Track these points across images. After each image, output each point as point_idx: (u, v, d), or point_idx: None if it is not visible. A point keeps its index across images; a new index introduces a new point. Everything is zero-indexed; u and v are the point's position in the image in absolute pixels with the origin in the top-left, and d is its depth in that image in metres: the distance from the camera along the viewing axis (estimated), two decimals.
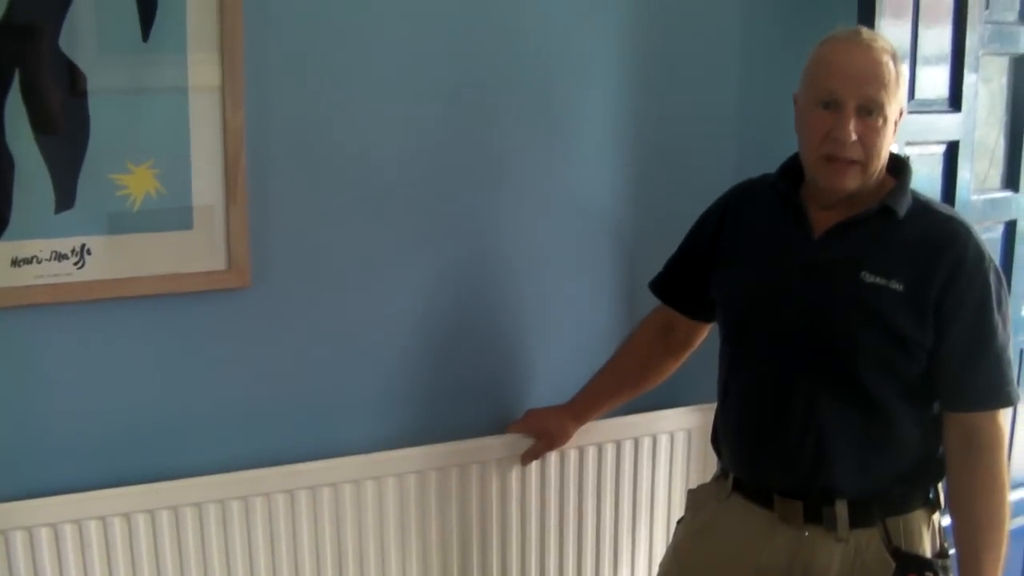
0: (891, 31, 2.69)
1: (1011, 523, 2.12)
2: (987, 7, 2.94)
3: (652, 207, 2.77)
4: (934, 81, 2.87)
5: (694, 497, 2.43)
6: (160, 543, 2.28)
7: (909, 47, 2.77)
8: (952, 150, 2.95)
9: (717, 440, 2.37)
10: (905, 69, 2.07)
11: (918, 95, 2.82)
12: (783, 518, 2.16)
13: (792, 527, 2.15)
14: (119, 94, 2.15)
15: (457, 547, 2.61)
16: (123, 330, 2.25)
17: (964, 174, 2.98)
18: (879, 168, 2.08)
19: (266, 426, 2.42)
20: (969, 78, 2.92)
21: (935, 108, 2.89)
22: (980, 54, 2.94)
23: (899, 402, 2.09)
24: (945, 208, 2.18)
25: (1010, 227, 3.22)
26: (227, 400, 2.38)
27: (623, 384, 2.59)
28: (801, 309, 2.11)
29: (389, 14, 2.39)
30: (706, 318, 2.47)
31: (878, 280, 2.04)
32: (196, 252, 2.27)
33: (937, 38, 2.85)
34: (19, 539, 2.15)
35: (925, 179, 2.89)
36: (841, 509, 2.11)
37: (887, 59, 2.02)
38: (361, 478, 2.46)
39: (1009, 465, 2.13)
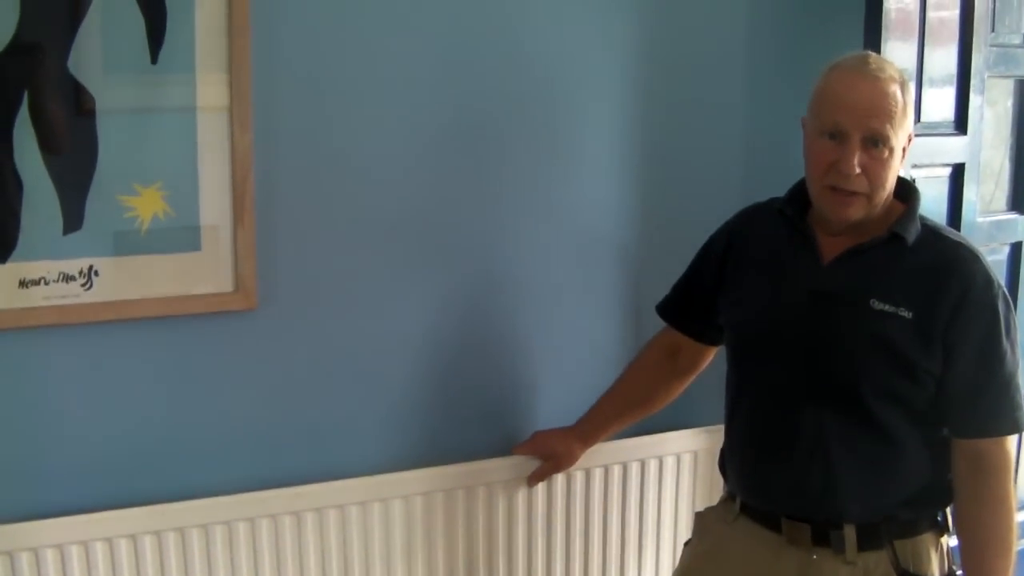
0: (897, 53, 2.69)
1: (1020, 545, 2.12)
2: (993, 29, 2.95)
3: (657, 227, 2.77)
4: (940, 103, 2.87)
5: (701, 520, 2.42)
6: (167, 565, 2.28)
7: (915, 69, 2.77)
8: (958, 172, 2.95)
9: (724, 463, 2.36)
10: (912, 95, 2.06)
11: (924, 117, 2.82)
12: (791, 541, 2.15)
13: (800, 550, 2.14)
14: (127, 115, 2.15)
15: (464, 570, 2.60)
16: (130, 352, 2.25)
17: (970, 196, 2.97)
18: (885, 197, 2.07)
19: (272, 447, 2.42)
20: (975, 100, 2.92)
21: (941, 131, 2.89)
22: (986, 76, 2.94)
23: (907, 427, 2.08)
24: (954, 234, 2.17)
25: (1016, 249, 3.22)
26: (233, 421, 2.37)
27: (630, 406, 2.58)
28: (809, 335, 2.10)
29: (395, 35, 2.39)
30: (712, 341, 2.46)
31: (887, 307, 2.04)
32: (203, 274, 2.27)
33: (943, 60, 2.85)
34: (25, 560, 2.14)
35: (931, 201, 2.88)
36: (849, 532, 2.10)
37: (894, 89, 2.01)
38: (367, 500, 2.46)
39: (1015, 488, 2.11)
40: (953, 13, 2.85)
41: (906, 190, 2.15)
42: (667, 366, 2.53)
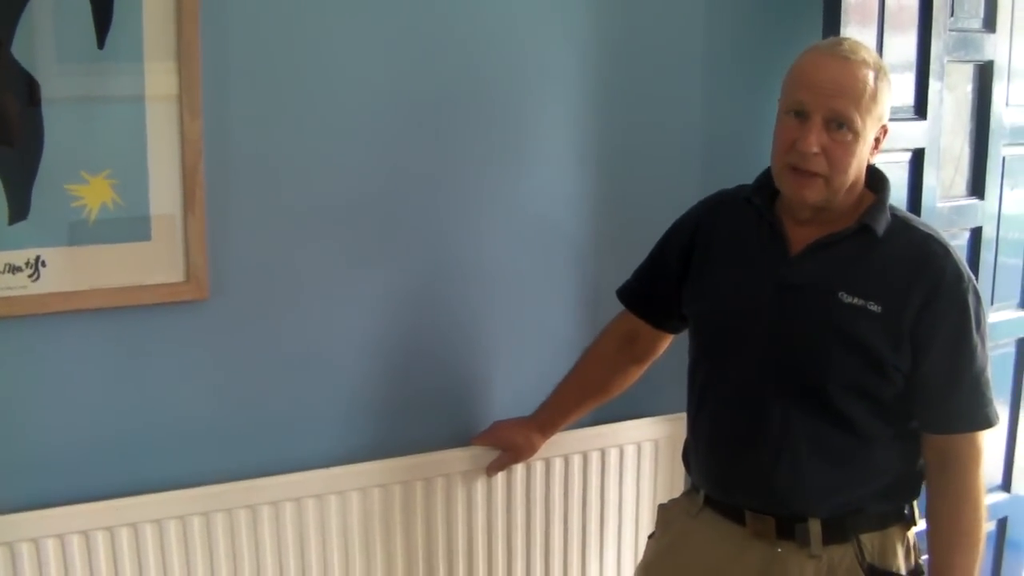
0: (856, 38, 2.67)
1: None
2: (952, 14, 2.94)
3: (614, 217, 2.75)
4: (900, 89, 2.86)
5: (664, 513, 2.40)
6: (120, 560, 2.25)
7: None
8: (918, 157, 2.95)
9: (687, 455, 2.34)
10: (888, 84, 2.04)
11: None
12: (755, 534, 2.14)
13: (764, 543, 2.13)
14: (74, 103, 2.11)
15: (423, 562, 2.59)
16: (80, 344, 2.22)
17: (930, 181, 2.97)
18: (847, 184, 2.04)
19: (227, 440, 2.39)
20: (934, 85, 2.92)
21: (900, 116, 2.88)
22: (945, 61, 2.94)
23: (875, 422, 2.07)
24: (924, 225, 2.15)
25: (975, 234, 3.21)
26: (187, 414, 2.34)
27: (588, 394, 2.56)
28: (776, 329, 2.09)
29: (350, 22, 2.36)
30: (674, 329, 2.45)
31: (855, 301, 2.02)
32: (154, 264, 2.23)
33: (902, 46, 2.85)
34: None
35: (891, 186, 2.88)
36: (815, 526, 2.09)
37: (865, 72, 1.99)
38: (325, 492, 2.43)
39: (985, 484, 2.11)
40: None
41: (877, 180, 2.13)
42: (625, 352, 2.51)
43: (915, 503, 2.17)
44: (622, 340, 2.50)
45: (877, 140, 2.06)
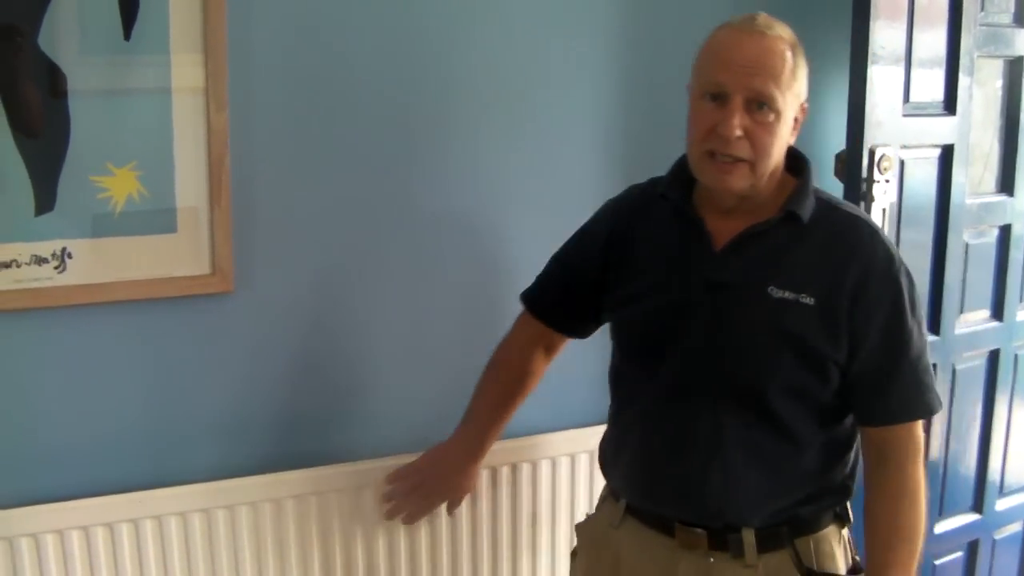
0: (886, 34, 2.67)
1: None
2: (982, 9, 2.92)
3: None
4: (929, 84, 2.85)
5: (584, 531, 2.29)
6: (144, 552, 2.25)
7: (904, 50, 2.75)
8: (947, 154, 2.93)
9: (605, 462, 2.22)
10: (803, 60, 1.93)
11: (913, 98, 2.80)
12: (684, 545, 2.04)
13: (696, 555, 2.03)
14: (101, 95, 2.11)
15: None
16: (105, 336, 2.22)
17: (959, 178, 2.96)
18: (771, 168, 1.93)
19: (249, 433, 2.39)
20: (964, 81, 2.90)
21: (930, 111, 2.86)
22: (975, 56, 2.92)
23: (810, 425, 1.98)
24: (849, 206, 2.06)
25: (1004, 231, 3.19)
26: (210, 406, 2.35)
27: (512, 400, 2.36)
28: (706, 330, 1.97)
29: (374, 16, 2.36)
30: (584, 334, 2.32)
31: (787, 294, 1.92)
32: (179, 256, 2.24)
33: (932, 41, 2.83)
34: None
35: (920, 183, 2.88)
36: (748, 536, 2.00)
37: (783, 48, 1.88)
38: (347, 487, 2.43)
39: (925, 476, 2.05)
40: None
41: (798, 163, 2.02)
42: (534, 355, 2.35)
43: (849, 502, 2.09)
44: (528, 344, 2.34)
45: (796, 120, 1.95)
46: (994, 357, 3.26)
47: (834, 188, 2.78)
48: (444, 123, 2.49)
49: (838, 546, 2.06)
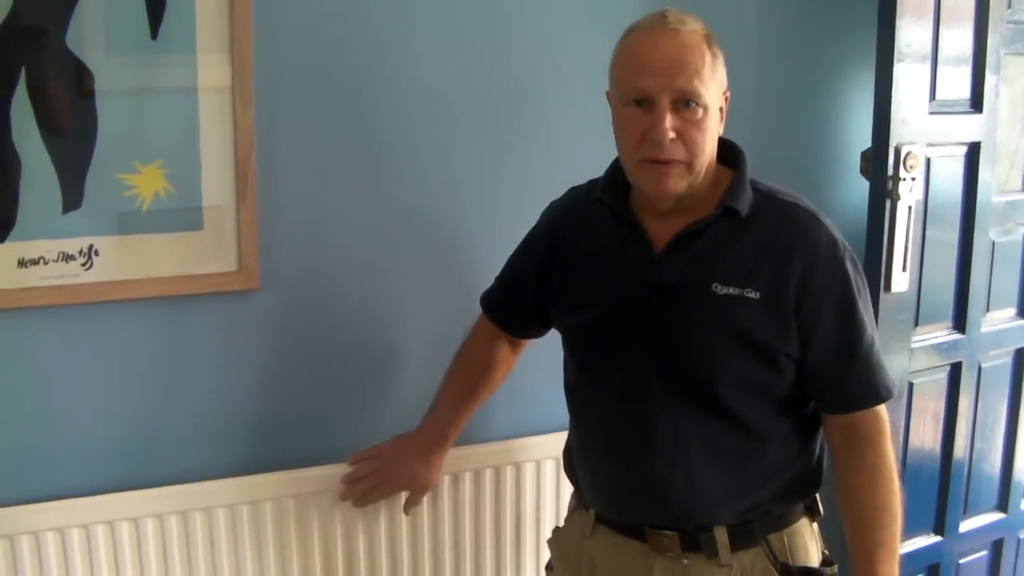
0: (912, 31, 2.66)
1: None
2: (1009, 7, 2.91)
3: None
4: (955, 82, 2.83)
5: (557, 543, 2.27)
6: (168, 548, 2.27)
7: (930, 48, 2.73)
8: (973, 152, 2.92)
9: (573, 470, 2.20)
10: (719, 48, 1.89)
11: (939, 96, 2.78)
12: (656, 549, 2.02)
13: (669, 558, 2.01)
14: (127, 94, 2.13)
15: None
16: (131, 332, 2.24)
17: (985, 176, 2.94)
18: (707, 164, 1.90)
19: (273, 430, 2.41)
20: (990, 79, 2.89)
21: (956, 109, 2.85)
22: (1002, 54, 2.90)
23: (770, 418, 1.96)
24: (788, 194, 2.00)
25: None
26: (235, 403, 2.36)
27: (475, 393, 2.37)
28: (653, 333, 1.95)
29: (400, 18, 2.37)
30: (536, 336, 2.33)
31: (732, 291, 1.89)
32: (205, 253, 2.25)
33: (958, 39, 2.81)
34: (25, 543, 2.13)
35: (946, 181, 2.86)
36: (720, 534, 1.98)
37: (698, 42, 1.85)
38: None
39: (895, 455, 2.02)
40: None
41: (730, 153, 1.99)
42: (499, 347, 2.35)
43: (818, 494, 2.08)
44: (489, 339, 2.35)
45: (721, 110, 1.91)
46: (1020, 355, 3.25)
47: (860, 186, 2.78)
48: (470, 122, 2.49)
49: (811, 539, 2.06)
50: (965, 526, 3.19)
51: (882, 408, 1.99)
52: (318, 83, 2.32)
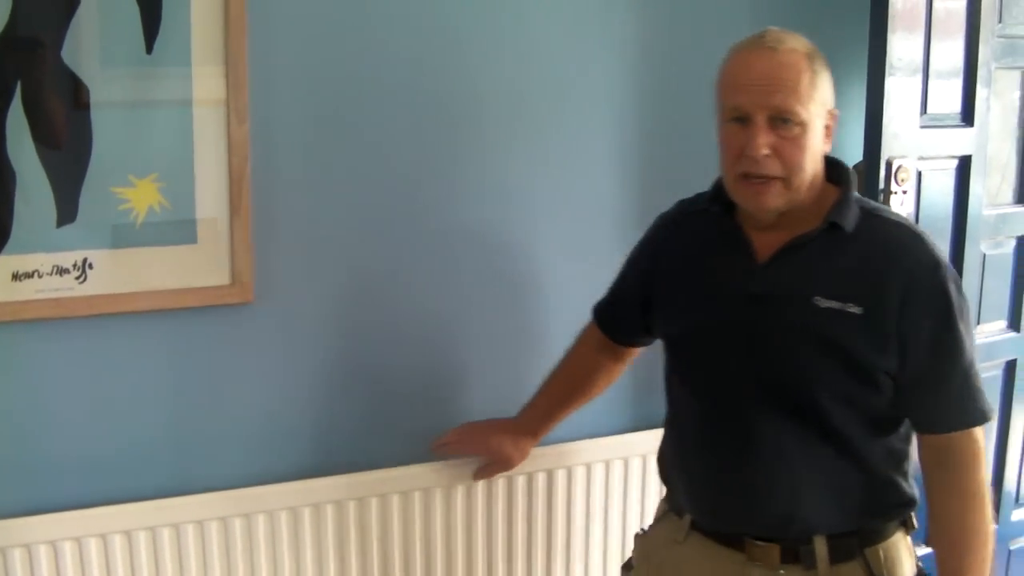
0: (903, 45, 2.67)
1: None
2: (1000, 21, 2.93)
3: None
4: (946, 96, 2.85)
5: (643, 542, 2.26)
6: (161, 561, 2.26)
7: (921, 61, 2.75)
8: (964, 165, 2.93)
9: (666, 477, 2.21)
10: (824, 67, 1.92)
11: (930, 110, 2.80)
12: (754, 559, 2.02)
13: (765, 568, 2.01)
14: (122, 107, 2.13)
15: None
16: (125, 345, 2.24)
17: (976, 189, 2.96)
18: (807, 181, 1.92)
19: (271, 442, 2.40)
20: (981, 92, 2.90)
21: (947, 123, 2.86)
22: (993, 68, 2.92)
23: (867, 433, 1.96)
24: (893, 214, 2.05)
25: (1022, 242, 3.20)
26: (230, 416, 2.36)
27: (573, 396, 2.46)
28: (754, 344, 1.97)
29: (393, 27, 2.37)
30: (642, 344, 2.38)
31: (833, 304, 1.90)
32: (199, 267, 2.25)
33: (949, 52, 2.83)
34: (18, 556, 2.13)
35: (937, 194, 2.88)
36: (820, 546, 1.97)
37: (796, 60, 1.88)
38: (367, 495, 2.44)
39: (987, 480, 2.01)
40: (960, 4, 2.84)
41: (838, 172, 2.01)
42: (605, 354, 2.41)
43: (914, 510, 2.08)
44: (600, 344, 2.40)
45: (827, 128, 1.94)
46: (1011, 367, 3.26)
47: None
48: (464, 135, 2.49)
49: (906, 553, 2.05)
50: None
51: (978, 431, 1.97)
52: (313, 96, 2.32)
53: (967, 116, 2.91)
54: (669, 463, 2.19)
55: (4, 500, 2.16)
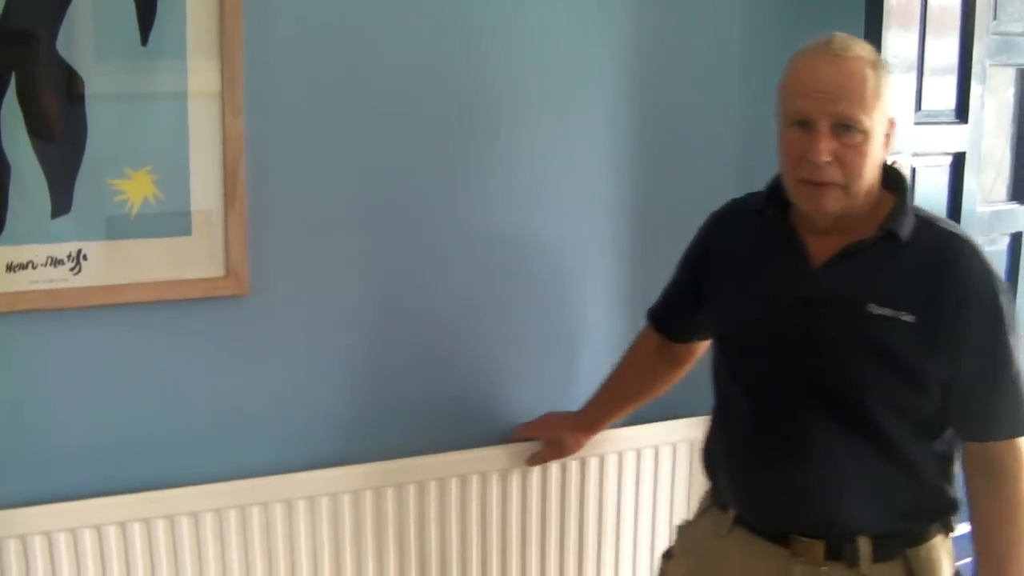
0: (898, 41, 2.68)
1: None
2: (995, 18, 2.93)
3: (651, 219, 2.75)
4: (941, 92, 2.85)
5: (686, 533, 2.30)
6: (156, 553, 2.26)
7: (916, 58, 2.75)
8: (959, 162, 2.94)
9: (713, 468, 2.24)
10: (887, 76, 1.94)
11: (925, 106, 2.80)
12: (798, 554, 2.04)
13: (808, 564, 2.03)
14: (117, 99, 2.13)
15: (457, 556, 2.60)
16: (120, 337, 2.24)
17: (970, 186, 2.96)
18: (866, 188, 1.94)
19: (263, 435, 2.40)
20: (976, 89, 2.91)
21: (942, 120, 2.87)
22: (987, 65, 2.93)
23: (914, 437, 1.99)
24: (948, 224, 2.06)
25: (1016, 239, 3.20)
26: (224, 408, 2.36)
27: (632, 395, 2.54)
28: (803, 346, 1.99)
29: (390, 23, 2.38)
30: (700, 340, 2.40)
31: (887, 312, 1.93)
32: (194, 259, 2.25)
33: (944, 49, 2.83)
34: (12, 548, 2.13)
35: (931, 190, 2.88)
36: (864, 545, 2.00)
37: (862, 68, 1.89)
38: (361, 488, 2.44)
39: None
40: (954, 1, 2.84)
41: (894, 180, 2.03)
42: (662, 357, 2.46)
43: (956, 513, 2.09)
44: (657, 347, 2.45)
45: (887, 136, 1.95)
46: None
47: None
48: (459, 128, 2.49)
49: (945, 555, 2.06)
50: None
51: (1022, 443, 1.99)
52: (308, 89, 2.32)
53: (961, 113, 2.92)
54: (715, 458, 2.22)
55: None
